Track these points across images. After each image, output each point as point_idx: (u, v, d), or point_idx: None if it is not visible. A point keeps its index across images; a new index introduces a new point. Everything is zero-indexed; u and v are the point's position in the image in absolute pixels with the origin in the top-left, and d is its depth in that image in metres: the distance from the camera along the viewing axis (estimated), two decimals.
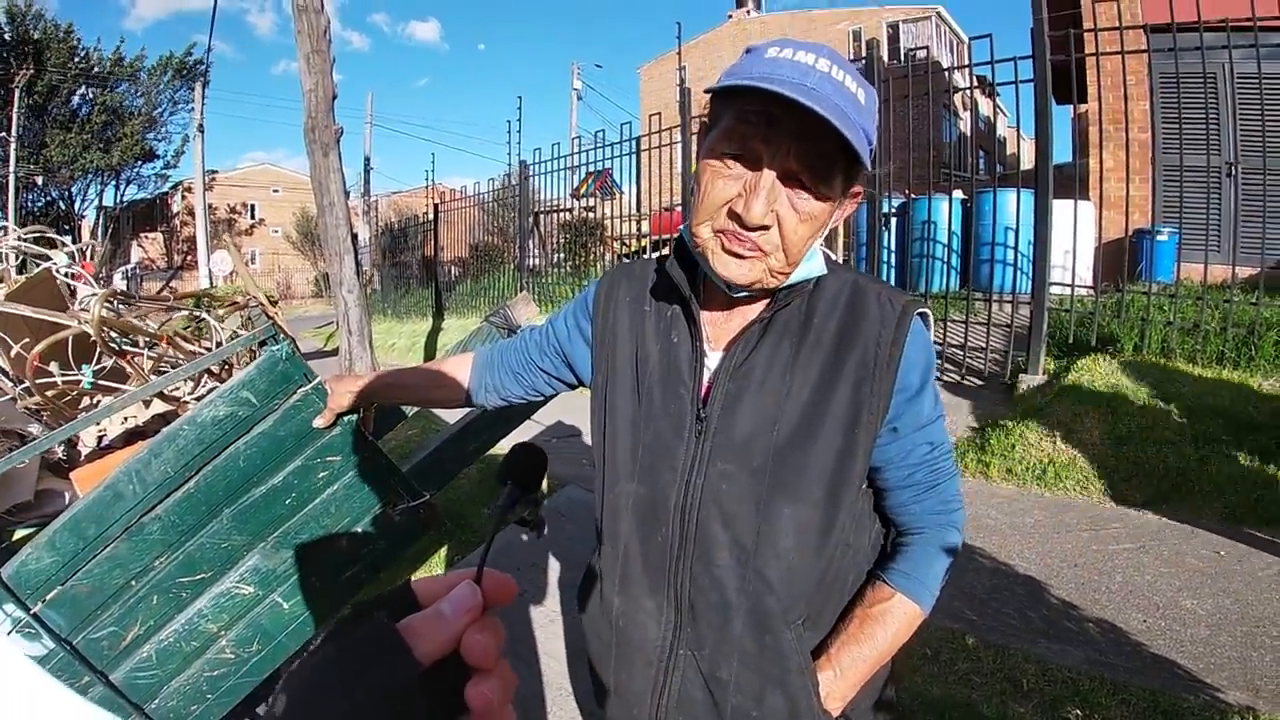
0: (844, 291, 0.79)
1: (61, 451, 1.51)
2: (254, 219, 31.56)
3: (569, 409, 4.16)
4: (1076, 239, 4.02)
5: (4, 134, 20.33)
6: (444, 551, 3.00)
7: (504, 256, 10.07)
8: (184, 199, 27.07)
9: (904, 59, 4.82)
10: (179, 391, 1.49)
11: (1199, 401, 3.38)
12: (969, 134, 14.75)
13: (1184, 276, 4.26)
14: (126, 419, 1.47)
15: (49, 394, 1.34)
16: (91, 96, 23.81)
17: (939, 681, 2.00)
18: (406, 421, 2.24)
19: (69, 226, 22.49)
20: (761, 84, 0.64)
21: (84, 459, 1.45)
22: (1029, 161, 5.40)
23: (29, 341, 1.29)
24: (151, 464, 1.08)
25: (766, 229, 0.69)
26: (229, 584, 1.16)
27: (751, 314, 0.80)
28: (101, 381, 1.39)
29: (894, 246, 5.54)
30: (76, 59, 22.91)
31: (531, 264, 9.01)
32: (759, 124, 0.67)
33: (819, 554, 0.77)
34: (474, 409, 1.32)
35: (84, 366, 1.39)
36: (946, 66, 10.39)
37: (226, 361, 1.52)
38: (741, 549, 0.76)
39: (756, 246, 0.70)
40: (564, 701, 2.03)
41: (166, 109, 25.47)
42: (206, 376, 1.51)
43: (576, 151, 7.84)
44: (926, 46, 4.78)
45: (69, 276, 1.58)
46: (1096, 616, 2.26)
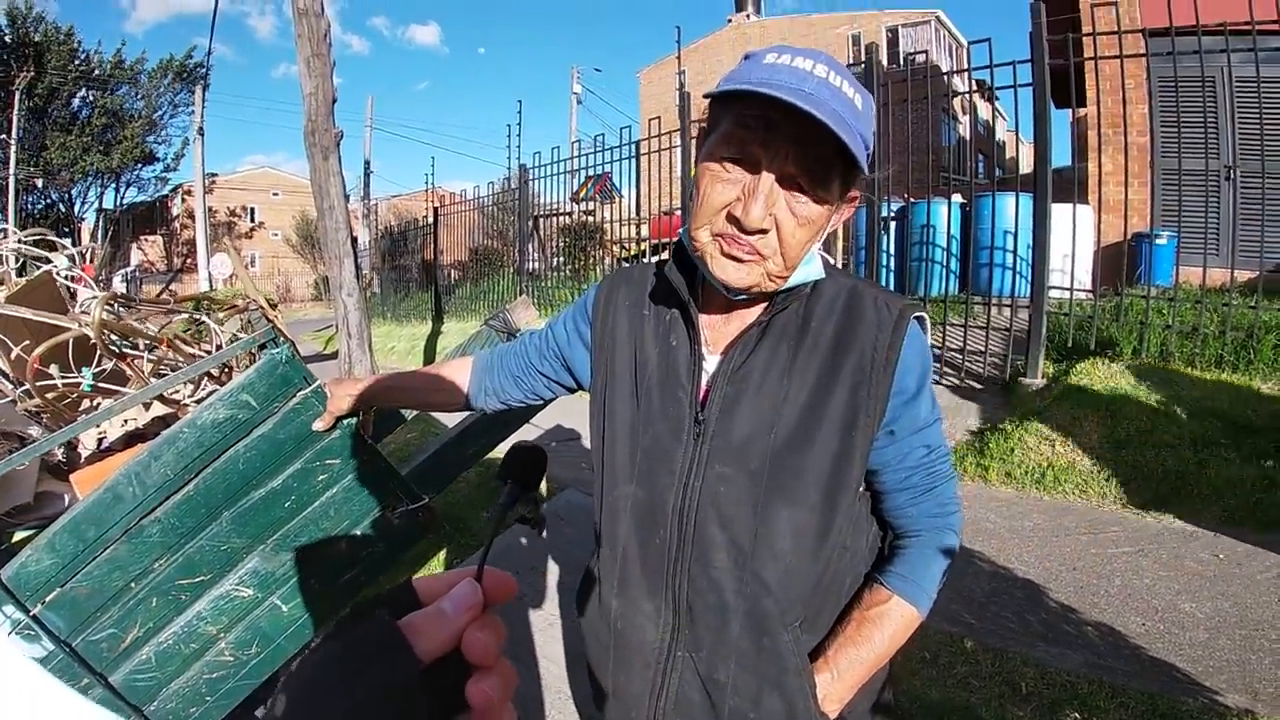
0: (841, 295, 0.80)
1: (61, 454, 1.51)
2: (254, 222, 31.51)
3: (568, 412, 4.15)
4: (1075, 243, 4.02)
5: (4, 136, 20.33)
6: (443, 554, 2.99)
7: (503, 260, 10.06)
8: (184, 202, 27.02)
9: (903, 63, 4.82)
10: (179, 394, 1.49)
11: (1198, 405, 3.39)
12: (968, 138, 14.80)
13: (1183, 280, 4.26)
14: (126, 421, 1.47)
15: (49, 396, 1.34)
16: (92, 99, 23.79)
17: (937, 685, 2.00)
18: (405, 425, 2.25)
19: (69, 229, 22.50)
20: (760, 89, 0.65)
21: (84, 461, 1.45)
22: (1028, 165, 5.41)
23: (29, 344, 1.29)
24: (151, 466, 1.08)
25: (765, 232, 0.70)
26: (228, 586, 1.17)
27: (750, 317, 0.80)
28: (101, 384, 1.40)
29: (893, 250, 5.54)
30: (77, 62, 22.88)
31: (531, 268, 9.01)
32: (757, 128, 0.68)
33: (816, 556, 0.77)
34: (473, 412, 1.32)
35: (84, 369, 1.40)
36: (945, 71, 10.41)
37: (226, 365, 1.52)
38: (739, 551, 0.76)
39: (755, 250, 0.71)
40: (563, 705, 2.03)
41: (167, 112, 25.47)
42: (206, 379, 1.52)
43: (576, 155, 7.85)
44: (925, 51, 4.80)
45: (69, 279, 1.59)
46: (1095, 620, 2.26)
